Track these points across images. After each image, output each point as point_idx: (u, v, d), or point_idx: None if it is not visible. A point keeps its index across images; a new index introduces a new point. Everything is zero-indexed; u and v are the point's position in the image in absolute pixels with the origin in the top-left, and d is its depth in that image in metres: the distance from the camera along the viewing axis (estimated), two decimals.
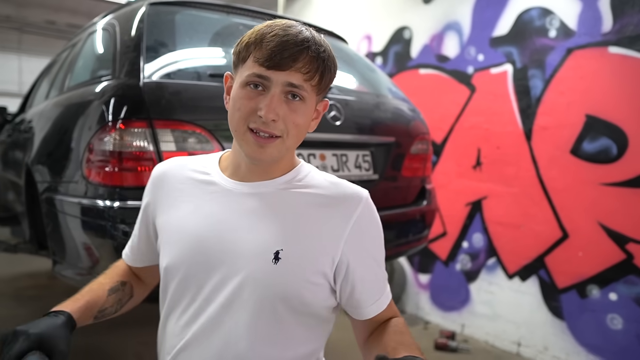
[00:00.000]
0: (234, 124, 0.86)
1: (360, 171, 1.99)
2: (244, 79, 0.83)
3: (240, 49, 0.85)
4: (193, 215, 0.91)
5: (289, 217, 0.88)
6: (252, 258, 0.85)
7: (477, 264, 3.61)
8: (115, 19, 2.00)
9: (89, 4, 5.43)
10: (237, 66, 0.87)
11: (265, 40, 0.81)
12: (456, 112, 3.75)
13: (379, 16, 4.46)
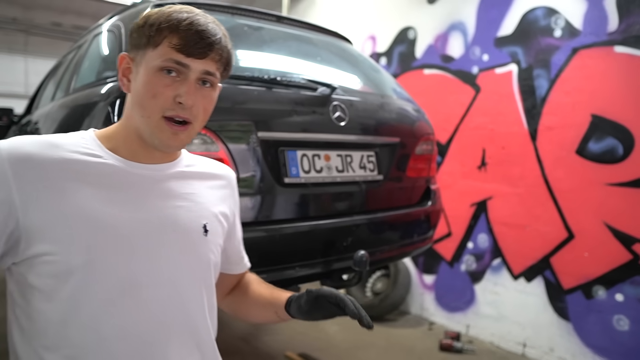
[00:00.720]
0: (148, 111, 0.85)
1: (364, 172, 1.99)
2: (159, 64, 0.83)
3: (151, 32, 0.84)
4: (104, 204, 0.83)
5: (196, 193, 0.96)
6: (186, 235, 0.92)
7: (482, 264, 3.60)
8: (121, 20, 2.01)
9: (95, 6, 5.45)
10: (141, 48, 0.86)
11: (181, 27, 0.82)
12: (461, 113, 3.75)
13: (383, 16, 4.45)
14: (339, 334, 3.79)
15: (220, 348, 0.99)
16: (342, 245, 1.86)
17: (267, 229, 1.66)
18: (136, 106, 0.86)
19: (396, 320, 4.06)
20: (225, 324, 3.91)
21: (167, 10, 0.85)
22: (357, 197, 1.97)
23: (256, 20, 2.09)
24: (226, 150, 1.57)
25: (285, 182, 1.72)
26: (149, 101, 0.84)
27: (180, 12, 0.85)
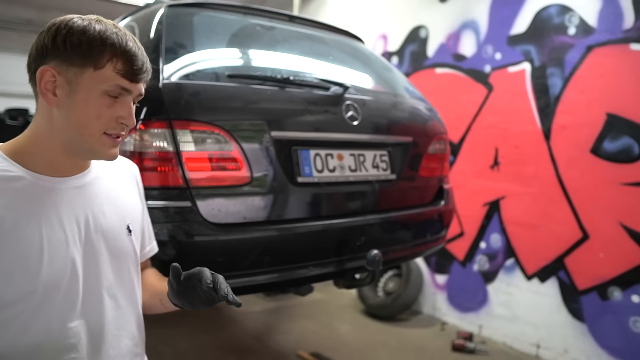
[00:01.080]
0: (90, 130, 0.88)
1: (377, 171, 1.98)
2: (106, 88, 0.87)
3: (89, 52, 0.85)
4: (45, 222, 0.87)
5: (114, 196, 1.02)
6: (114, 239, 0.98)
7: (495, 264, 3.57)
8: (134, 21, 2.02)
9: (107, 7, 5.50)
10: (74, 65, 0.85)
11: (123, 52, 0.86)
12: (473, 112, 3.72)
13: (394, 15, 4.44)
14: (350, 334, 3.79)
15: (233, 346, 1.00)
16: (355, 245, 1.86)
17: (280, 228, 1.67)
18: (75, 124, 0.88)
19: (408, 320, 4.05)
20: (238, 322, 3.94)
21: (97, 27, 0.86)
22: (370, 196, 1.97)
23: (268, 20, 2.10)
24: (240, 149, 1.58)
25: (298, 181, 1.72)
26: (93, 121, 0.88)
27: (112, 31, 0.87)
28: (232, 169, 1.57)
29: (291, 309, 4.29)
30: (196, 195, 1.51)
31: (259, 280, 1.64)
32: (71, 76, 0.86)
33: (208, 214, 1.52)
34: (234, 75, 1.67)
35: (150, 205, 1.50)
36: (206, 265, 1.52)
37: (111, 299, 0.98)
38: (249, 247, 1.59)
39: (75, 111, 0.87)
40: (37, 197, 0.88)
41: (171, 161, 1.49)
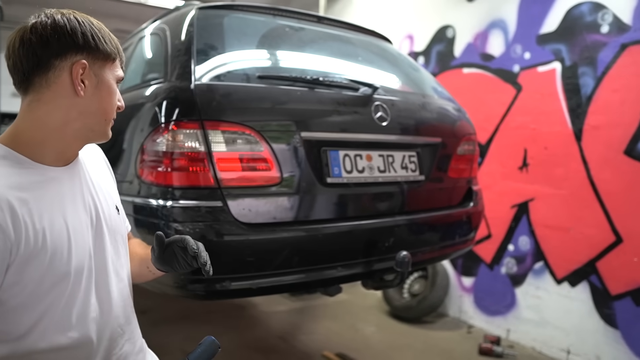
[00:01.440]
0: (111, 114, 1.00)
1: (406, 172, 1.97)
2: (117, 77, 1.01)
3: (111, 48, 0.97)
4: (66, 210, 0.95)
5: (99, 180, 1.09)
6: (109, 220, 1.07)
7: (524, 267, 3.51)
8: (165, 23, 2.06)
9: (136, 10, 5.62)
10: (99, 58, 0.96)
11: (120, 48, 1.02)
12: (501, 112, 3.66)
13: (421, 15, 4.41)
14: (375, 335, 3.77)
15: (259, 346, 1.02)
16: (384, 246, 1.85)
17: (310, 228, 1.67)
18: (101, 111, 0.98)
19: (434, 323, 4.01)
20: (263, 322, 3.96)
21: (106, 29, 1.00)
22: (399, 197, 1.95)
23: (297, 21, 2.11)
24: (270, 150, 1.59)
25: (327, 182, 1.72)
26: (113, 107, 1.00)
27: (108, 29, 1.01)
28: (263, 169, 1.59)
29: (316, 309, 4.30)
30: (227, 195, 1.53)
31: (288, 280, 1.65)
32: (97, 69, 0.96)
33: (239, 214, 1.54)
34: (264, 76, 1.68)
35: (182, 205, 1.53)
36: (238, 265, 1.54)
37: (114, 274, 1.07)
38: (279, 247, 1.60)
39: (102, 99, 0.97)
40: (54, 189, 0.94)
41: (203, 161, 1.52)
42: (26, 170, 0.91)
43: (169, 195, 1.54)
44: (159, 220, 1.56)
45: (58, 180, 0.96)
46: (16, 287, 0.87)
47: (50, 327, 0.92)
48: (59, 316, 0.93)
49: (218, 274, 1.56)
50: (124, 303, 1.11)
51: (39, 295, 0.90)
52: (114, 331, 1.06)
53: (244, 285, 1.58)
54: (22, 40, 0.92)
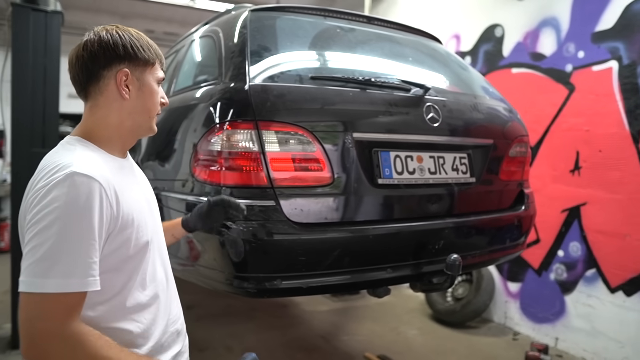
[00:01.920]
0: (154, 111, 1.17)
1: (457, 174, 1.94)
2: (158, 79, 1.17)
3: (149, 54, 1.13)
4: (134, 192, 1.13)
5: (141, 173, 1.29)
6: (156, 204, 1.28)
7: (574, 274, 3.39)
8: (218, 26, 2.10)
9: (183, 13, 5.77)
10: (140, 65, 1.12)
11: (159, 53, 1.18)
12: (552, 113, 3.55)
13: (468, 14, 4.33)
14: (418, 338, 3.73)
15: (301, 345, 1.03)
16: (433, 248, 1.83)
17: (360, 229, 1.67)
18: (145, 110, 1.15)
19: (478, 328, 3.93)
20: (305, 321, 3.98)
21: (145, 37, 1.16)
22: (449, 199, 1.92)
23: (347, 22, 2.11)
24: (322, 150, 1.60)
25: (378, 183, 1.71)
26: (156, 105, 1.17)
27: (148, 38, 1.17)
28: (315, 170, 1.59)
29: (357, 310, 4.29)
30: (280, 195, 1.55)
31: (338, 280, 1.65)
32: (138, 74, 1.13)
33: (291, 213, 1.55)
34: (317, 77, 1.69)
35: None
36: (289, 264, 1.56)
37: (164, 246, 1.28)
38: (330, 247, 1.60)
39: (145, 100, 1.14)
40: (126, 175, 1.14)
41: (257, 161, 1.54)
42: (108, 159, 1.10)
43: (222, 194, 1.57)
44: None
45: (126, 168, 1.16)
46: (114, 253, 1.03)
47: (134, 287, 1.09)
48: (140, 277, 1.10)
49: (269, 272, 1.59)
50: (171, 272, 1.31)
51: (128, 261, 1.07)
52: (171, 292, 1.24)
53: (295, 284, 1.59)
54: (77, 56, 1.10)
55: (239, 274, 1.57)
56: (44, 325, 0.90)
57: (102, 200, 0.97)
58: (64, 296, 0.91)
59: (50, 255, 0.90)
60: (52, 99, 3.45)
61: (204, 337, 3.54)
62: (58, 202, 0.92)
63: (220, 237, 1.56)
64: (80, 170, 0.96)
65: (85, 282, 0.93)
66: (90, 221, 0.95)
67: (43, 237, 0.91)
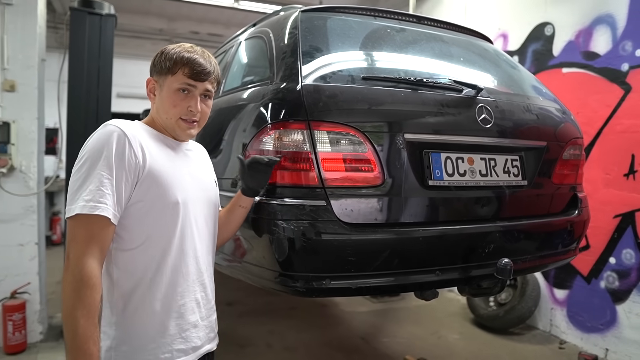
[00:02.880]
0: (170, 115, 1.34)
1: (508, 176, 1.89)
2: (177, 86, 1.32)
3: (169, 65, 1.32)
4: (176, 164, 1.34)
5: (202, 163, 1.52)
6: (208, 185, 1.47)
7: (627, 283, 3.25)
8: (268, 26, 2.12)
9: (228, 14, 5.87)
10: (162, 74, 1.34)
11: (191, 62, 1.32)
12: (605, 114, 3.42)
13: (516, 13, 4.22)
14: (459, 343, 3.67)
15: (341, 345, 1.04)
16: (483, 252, 1.79)
17: (410, 230, 1.65)
18: (162, 112, 1.35)
19: (522, 335, 3.82)
20: (345, 321, 3.98)
21: (179, 49, 1.34)
22: (500, 202, 1.88)
23: (397, 22, 2.09)
24: (373, 151, 1.59)
25: (429, 184, 1.69)
26: (172, 109, 1.34)
27: (188, 51, 1.34)
28: (366, 170, 1.59)
29: (397, 312, 4.26)
30: (330, 195, 1.55)
31: (387, 281, 1.64)
32: (161, 82, 1.35)
33: (341, 214, 1.55)
34: (369, 78, 1.68)
35: (286, 203, 1.57)
36: (338, 264, 1.56)
37: (205, 222, 1.42)
38: (380, 248, 1.59)
39: (162, 103, 1.35)
40: (170, 148, 1.37)
41: (308, 161, 1.54)
42: (157, 134, 1.36)
43: (273, 193, 1.59)
44: (262, 217, 1.61)
45: (175, 147, 1.39)
46: (140, 204, 1.24)
47: (156, 245, 1.26)
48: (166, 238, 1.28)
49: (318, 272, 1.59)
50: (213, 247, 1.47)
51: (152, 215, 1.25)
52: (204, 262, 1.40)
53: (343, 285, 1.59)
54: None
55: (288, 273, 1.59)
56: (71, 246, 1.15)
57: (123, 144, 1.20)
58: (84, 219, 1.14)
59: (78, 188, 1.17)
60: (104, 99, 3.58)
61: (245, 333, 3.59)
62: (88, 146, 1.21)
63: (271, 236, 1.58)
64: (111, 123, 1.24)
65: (94, 207, 1.14)
66: (107, 159, 1.18)
67: (76, 176, 1.19)
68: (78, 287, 1.11)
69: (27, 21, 3.32)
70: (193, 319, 1.35)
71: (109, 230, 1.19)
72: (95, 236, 1.16)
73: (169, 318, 1.29)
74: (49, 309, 3.79)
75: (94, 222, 1.15)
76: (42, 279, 3.58)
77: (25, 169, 3.40)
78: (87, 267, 1.13)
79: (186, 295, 1.33)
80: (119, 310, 1.26)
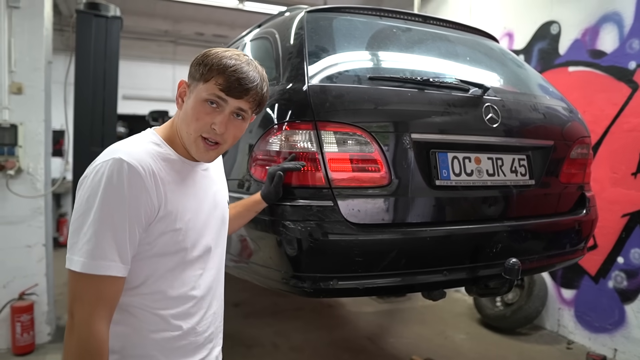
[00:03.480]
0: (190, 129, 1.13)
1: (516, 176, 1.88)
2: (205, 96, 1.11)
3: (203, 70, 1.11)
4: (196, 197, 1.20)
5: (219, 180, 1.37)
6: (223, 209, 1.34)
7: (636, 283, 3.23)
8: (273, 27, 2.12)
9: (232, 16, 5.88)
10: (195, 80, 1.13)
11: (227, 72, 1.09)
12: (612, 113, 3.40)
13: (521, 11, 4.20)
14: (465, 343, 3.66)
15: (347, 345, 1.03)
16: (491, 252, 1.79)
17: (417, 231, 1.65)
18: (183, 123, 1.15)
19: (529, 335, 3.81)
20: (351, 322, 3.98)
21: (221, 54, 1.12)
22: (508, 202, 1.87)
23: (403, 22, 2.09)
24: (380, 151, 1.59)
25: (436, 184, 1.69)
26: (193, 123, 1.12)
27: (230, 58, 1.11)
28: (373, 171, 1.59)
29: (403, 312, 4.25)
30: (337, 195, 1.55)
31: (394, 282, 1.64)
32: (192, 88, 1.14)
33: (348, 214, 1.55)
34: (375, 78, 1.68)
35: (293, 204, 1.58)
36: (346, 264, 1.56)
37: (221, 250, 1.33)
38: (387, 248, 1.59)
39: (186, 112, 1.14)
40: (189, 177, 1.19)
41: (315, 161, 1.54)
42: (170, 161, 1.15)
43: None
44: (269, 218, 1.61)
45: (192, 170, 1.21)
46: (147, 246, 1.09)
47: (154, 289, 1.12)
48: (165, 282, 1.13)
49: (326, 273, 1.59)
50: (219, 279, 1.33)
51: (157, 258, 1.11)
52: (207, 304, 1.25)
53: (351, 285, 1.59)
54: None
55: (295, 273, 1.59)
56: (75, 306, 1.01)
57: (137, 184, 1.03)
58: (89, 276, 1.00)
59: (84, 235, 1.02)
60: (110, 101, 3.60)
61: (252, 334, 3.60)
62: (95, 183, 1.04)
63: (278, 237, 1.58)
64: (120, 155, 1.04)
65: (101, 266, 1.00)
66: (118, 202, 1.02)
67: (80, 219, 1.03)
68: (83, 356, 0.98)
69: (34, 24, 3.34)
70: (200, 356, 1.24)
71: (119, 286, 1.04)
72: (104, 296, 1.01)
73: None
74: (57, 310, 3.81)
75: (101, 280, 1.00)
76: (50, 280, 3.60)
77: (33, 171, 3.42)
78: (96, 333, 0.99)
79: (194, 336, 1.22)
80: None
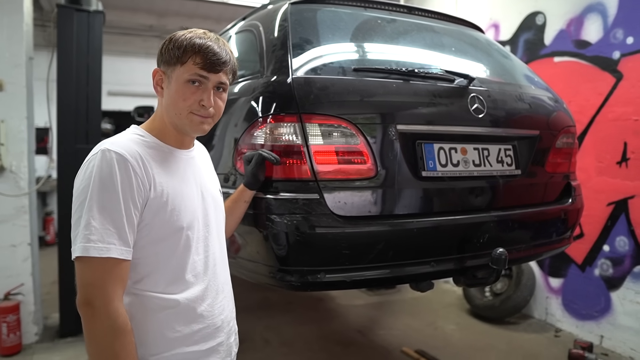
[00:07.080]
0: (179, 109, 1.19)
1: (502, 166, 1.89)
2: (187, 77, 1.17)
3: (178, 53, 1.17)
4: (184, 180, 1.23)
5: (207, 168, 1.41)
6: (216, 197, 1.36)
7: (621, 270, 3.27)
8: (257, 20, 2.09)
9: (218, 10, 5.82)
10: (170, 64, 1.18)
11: (202, 50, 1.16)
12: (597, 103, 3.42)
13: (507, 2, 4.21)
14: (455, 333, 3.68)
15: (338, 338, 1.03)
16: (478, 242, 1.79)
17: (404, 222, 1.64)
18: (170, 107, 1.20)
19: (518, 324, 3.84)
20: (342, 315, 3.98)
21: (189, 35, 1.18)
22: (494, 192, 1.88)
23: (388, 13, 2.08)
24: (366, 143, 1.58)
25: (422, 175, 1.68)
26: (181, 103, 1.18)
27: (200, 37, 1.18)
28: (358, 163, 1.58)
29: (393, 304, 4.27)
30: (323, 188, 1.54)
31: (382, 274, 1.64)
32: (169, 73, 1.19)
33: (335, 207, 1.54)
34: (360, 69, 1.67)
35: (279, 197, 1.56)
36: (333, 257, 1.55)
37: (218, 240, 1.33)
38: (374, 240, 1.58)
39: (170, 97, 1.19)
40: (175, 162, 1.23)
41: (300, 154, 1.53)
42: (157, 149, 1.21)
43: (266, 188, 1.58)
44: (256, 211, 1.60)
45: (178, 157, 1.25)
46: (145, 229, 1.13)
47: (162, 275, 1.16)
48: (171, 266, 1.17)
49: (313, 266, 1.59)
50: (224, 264, 1.36)
51: (157, 242, 1.14)
52: (216, 288, 1.29)
53: (338, 278, 1.59)
54: None
55: (282, 267, 1.58)
56: (89, 291, 1.06)
57: (128, 172, 1.09)
58: (96, 261, 1.04)
59: (84, 225, 1.06)
60: (94, 97, 3.55)
61: (242, 329, 3.56)
62: (87, 177, 1.09)
63: (264, 232, 1.57)
64: (109, 148, 1.10)
65: (104, 248, 1.05)
66: (113, 191, 1.07)
67: (79, 212, 1.07)
68: (116, 336, 1.04)
69: (13, 19, 3.27)
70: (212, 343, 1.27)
71: (123, 269, 1.09)
72: (111, 277, 1.06)
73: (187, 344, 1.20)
74: (44, 310, 3.77)
75: (105, 262, 1.05)
76: (36, 280, 3.55)
77: (16, 169, 3.36)
78: (120, 313, 1.06)
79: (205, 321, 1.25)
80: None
